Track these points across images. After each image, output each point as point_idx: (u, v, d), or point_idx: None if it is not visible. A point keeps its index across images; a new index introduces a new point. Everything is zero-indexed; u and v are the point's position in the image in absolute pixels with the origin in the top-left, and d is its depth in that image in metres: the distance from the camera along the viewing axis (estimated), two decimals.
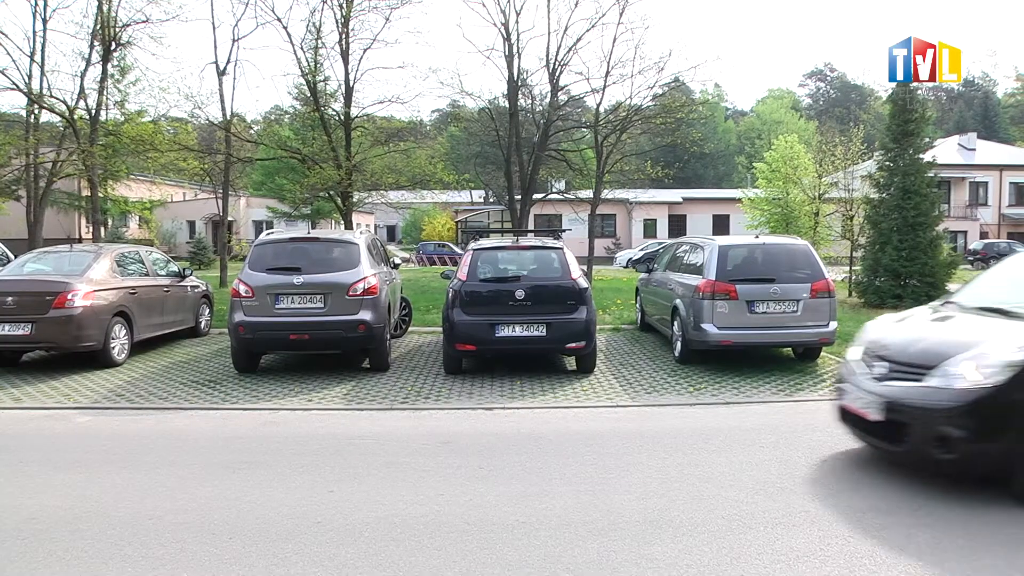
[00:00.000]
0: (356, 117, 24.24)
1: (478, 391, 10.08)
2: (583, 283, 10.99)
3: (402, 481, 6.46)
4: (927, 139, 20.66)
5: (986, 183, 61.81)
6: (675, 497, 6.02)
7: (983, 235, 57.03)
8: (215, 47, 34.92)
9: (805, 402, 9.61)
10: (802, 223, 22.91)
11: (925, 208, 18.78)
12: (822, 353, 12.08)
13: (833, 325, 11.28)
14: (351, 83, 23.41)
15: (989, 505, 5.72)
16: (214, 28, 25.41)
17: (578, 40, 24.18)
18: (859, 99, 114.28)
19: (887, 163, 19.50)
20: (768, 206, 23.87)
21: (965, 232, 56.95)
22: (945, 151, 59.39)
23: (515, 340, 10.62)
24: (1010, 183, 62.40)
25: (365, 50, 23.48)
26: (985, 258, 45.33)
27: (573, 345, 10.76)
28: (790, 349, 12.31)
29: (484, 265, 11.24)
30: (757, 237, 12.92)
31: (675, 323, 11.90)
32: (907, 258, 18.26)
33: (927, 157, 19.61)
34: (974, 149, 66.04)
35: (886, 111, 20.98)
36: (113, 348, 11.72)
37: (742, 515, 5.62)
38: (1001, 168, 62.65)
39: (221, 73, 24.66)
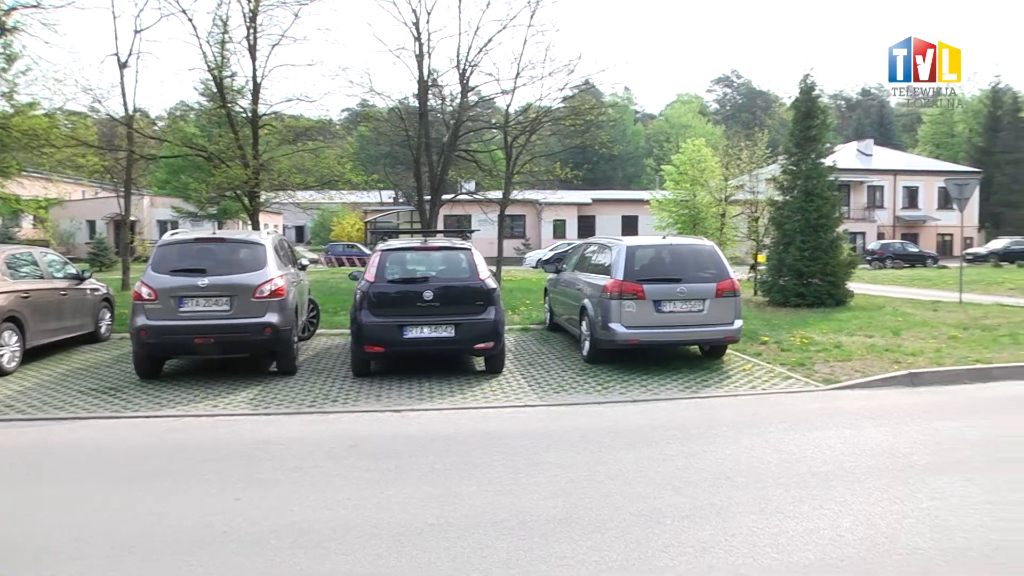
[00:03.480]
0: (264, 115, 23.74)
1: (387, 393, 9.99)
2: (491, 283, 11.03)
3: (310, 486, 6.36)
4: (828, 144, 21.36)
5: (882, 187, 64.43)
6: (583, 495, 6.07)
7: (880, 236, 59.34)
8: (116, 38, 33.69)
9: (711, 398, 9.82)
10: (709, 224, 23.42)
11: (826, 210, 19.41)
12: (728, 350, 12.33)
13: (738, 323, 11.54)
14: (259, 79, 22.93)
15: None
16: (114, 18, 24.54)
17: (489, 41, 24.20)
18: (764, 105, 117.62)
19: (790, 167, 20.09)
20: (676, 207, 24.34)
21: (864, 233, 59.18)
22: (845, 156, 61.80)
23: (423, 341, 10.58)
24: (903, 187, 65.21)
25: (273, 46, 23.01)
26: (882, 257, 47.20)
27: (481, 346, 10.79)
28: (697, 347, 12.55)
29: (392, 266, 11.16)
30: (664, 238, 13.18)
31: (583, 323, 12.01)
32: (809, 258, 18.84)
33: (828, 162, 20.28)
34: (871, 155, 68.79)
35: (790, 117, 21.63)
36: (2, 356, 11.14)
37: (649, 510, 5.72)
38: (896, 173, 65.43)
39: (122, 66, 23.84)
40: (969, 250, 53.11)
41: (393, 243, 12.13)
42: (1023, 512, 5.81)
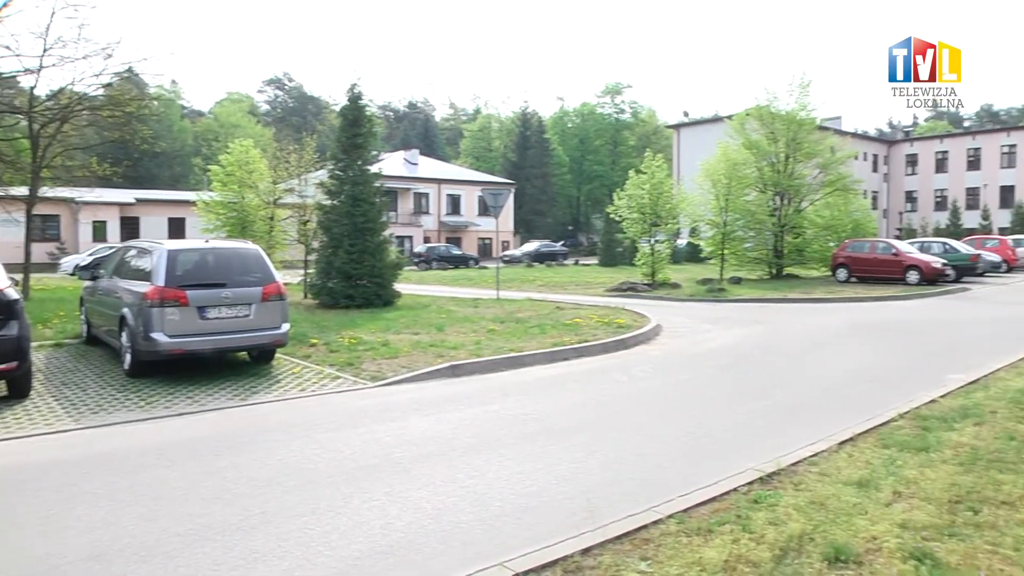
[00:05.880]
0: None
1: None
2: (12, 294, 9.67)
3: None
4: (375, 152, 22.16)
5: (428, 194, 68.94)
6: (126, 523, 5.58)
7: (426, 239, 63.48)
8: None
9: (260, 405, 9.60)
10: (258, 227, 23.04)
11: (373, 215, 20.16)
12: (277, 354, 12.22)
13: (286, 327, 11.52)
14: None
15: None
16: None
17: (5, 5, 21.05)
18: (315, 110, 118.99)
19: (338, 172, 20.53)
20: (224, 210, 23.52)
21: (411, 236, 62.81)
22: (392, 164, 65.10)
23: None
24: (447, 194, 70.48)
25: None
26: (428, 259, 50.53)
27: (3, 367, 9.40)
28: (245, 353, 12.23)
29: None
30: (207, 241, 12.74)
31: (124, 334, 11.11)
32: (357, 261, 19.42)
33: (375, 168, 21.09)
34: (417, 164, 73.48)
35: (339, 124, 22.05)
36: None
37: (198, 528, 5.45)
38: (440, 181, 70.50)
39: None
40: (505, 252, 59.30)
41: None
42: (543, 476, 6.57)
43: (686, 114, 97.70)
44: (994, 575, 4.55)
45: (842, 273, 30.56)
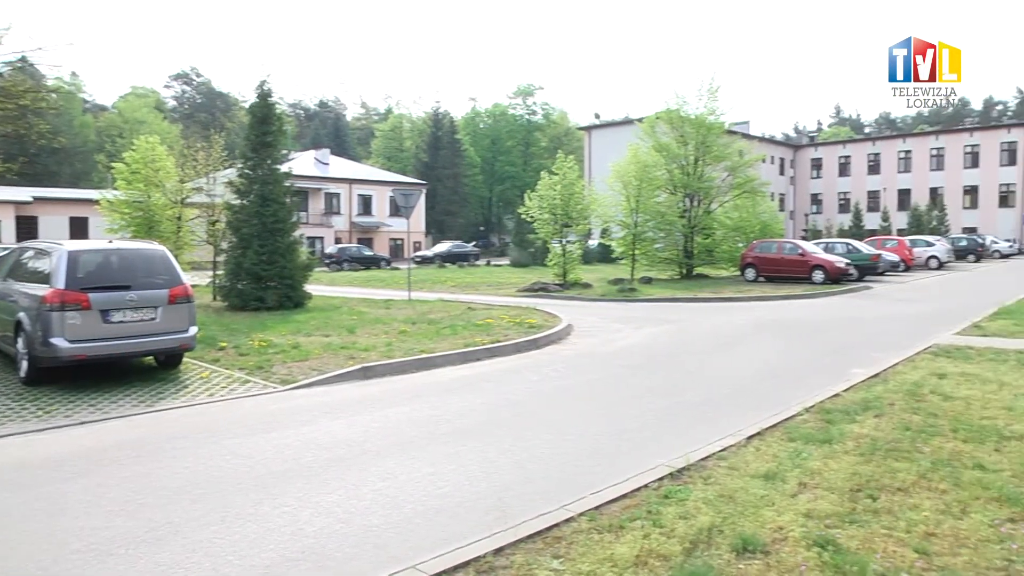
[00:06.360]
0: None
1: None
2: None
3: None
4: (285, 151, 21.70)
5: (339, 194, 68.12)
6: (21, 541, 5.34)
7: (337, 240, 62.77)
8: None
9: (167, 411, 9.31)
10: (165, 228, 22.38)
11: (283, 215, 19.79)
12: (185, 359, 11.90)
13: (193, 330, 11.23)
14: None
15: None
16: None
17: None
18: (224, 107, 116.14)
19: (247, 171, 20.07)
20: (129, 209, 22.71)
21: (322, 237, 62.03)
22: (303, 164, 64.26)
23: None
24: (358, 195, 69.78)
25: None
26: (339, 260, 49.89)
27: None
28: (151, 358, 11.87)
29: None
30: (111, 242, 12.31)
31: (20, 339, 10.64)
32: (267, 262, 19.04)
33: (285, 168, 20.70)
34: (328, 163, 72.57)
35: (248, 122, 21.54)
36: None
37: (100, 542, 5.25)
38: (351, 181, 69.77)
39: None
40: (417, 253, 59.05)
41: None
42: (456, 477, 6.57)
43: (597, 116, 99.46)
44: (888, 557, 4.74)
45: (750, 273, 31.39)
